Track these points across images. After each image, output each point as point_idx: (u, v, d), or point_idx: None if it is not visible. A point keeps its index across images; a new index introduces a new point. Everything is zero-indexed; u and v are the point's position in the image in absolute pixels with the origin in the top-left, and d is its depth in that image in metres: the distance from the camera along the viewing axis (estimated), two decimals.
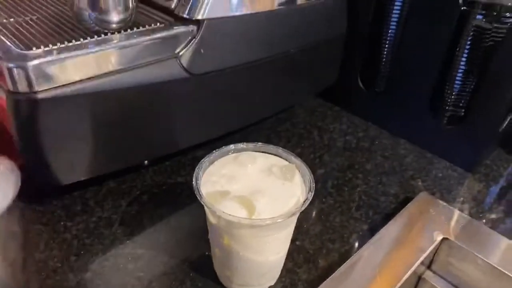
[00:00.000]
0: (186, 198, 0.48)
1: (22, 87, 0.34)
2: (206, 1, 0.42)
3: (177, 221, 0.45)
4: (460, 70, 0.52)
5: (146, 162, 0.52)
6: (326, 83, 0.65)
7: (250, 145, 0.38)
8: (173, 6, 0.43)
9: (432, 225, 0.44)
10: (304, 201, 0.31)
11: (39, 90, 0.34)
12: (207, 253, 0.40)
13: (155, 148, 0.47)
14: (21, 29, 0.41)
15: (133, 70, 0.39)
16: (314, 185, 0.33)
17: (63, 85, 0.36)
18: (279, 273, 0.39)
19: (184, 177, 0.51)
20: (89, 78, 0.37)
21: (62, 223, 0.43)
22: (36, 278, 0.36)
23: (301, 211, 0.31)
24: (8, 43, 0.37)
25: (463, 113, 0.54)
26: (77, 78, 0.36)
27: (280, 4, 0.48)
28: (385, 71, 0.60)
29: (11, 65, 0.33)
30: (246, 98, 0.52)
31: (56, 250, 0.40)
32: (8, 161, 0.34)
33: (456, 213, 0.46)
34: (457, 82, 0.53)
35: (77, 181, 0.41)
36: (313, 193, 0.32)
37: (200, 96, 0.46)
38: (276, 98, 0.58)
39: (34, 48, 0.36)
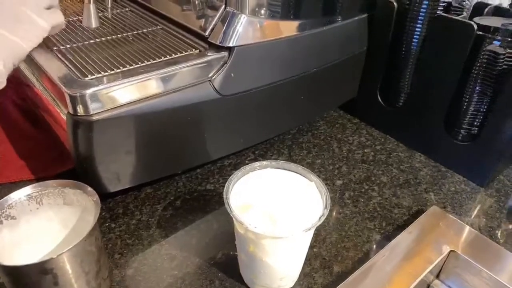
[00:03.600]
0: (215, 204, 0.54)
1: (80, 110, 0.40)
2: (237, 30, 0.46)
3: (207, 225, 0.51)
4: (474, 91, 0.55)
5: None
6: (347, 97, 0.69)
7: (273, 162, 0.42)
8: (207, 33, 0.48)
9: (441, 237, 0.48)
10: (320, 217, 0.36)
11: (94, 113, 0.40)
12: (232, 256, 0.45)
13: (189, 160, 0.52)
14: (75, 55, 0.47)
15: (172, 93, 0.44)
16: (330, 202, 0.37)
17: (113, 108, 0.41)
18: (297, 277, 0.43)
19: (213, 184, 0.56)
20: (135, 101, 0.42)
21: (107, 224, 0.49)
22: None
23: (316, 226, 0.35)
24: (67, 70, 0.43)
25: (476, 131, 0.57)
26: (125, 102, 0.42)
27: (303, 30, 0.52)
28: (404, 87, 0.63)
29: (72, 92, 0.39)
30: (270, 114, 0.57)
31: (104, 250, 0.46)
32: (92, 191, 0.39)
33: (465, 227, 0.49)
34: (471, 102, 0.55)
35: (122, 188, 0.47)
36: (328, 210, 0.37)
37: (229, 114, 0.51)
38: (299, 113, 0.62)
39: (89, 76, 0.42)
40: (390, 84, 0.65)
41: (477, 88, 0.54)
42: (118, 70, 0.43)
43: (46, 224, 0.41)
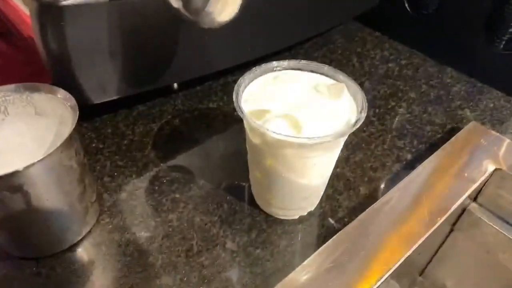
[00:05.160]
0: (220, 123, 0.46)
1: None
2: None
3: (211, 146, 0.44)
4: None
5: (176, 86, 0.49)
6: (367, 6, 0.59)
7: (293, 62, 0.34)
8: None
9: (483, 155, 0.41)
10: (357, 121, 0.29)
11: None
12: (241, 178, 0.39)
13: (186, 70, 0.43)
14: None
15: None
16: (366, 105, 0.30)
17: None
18: (320, 198, 0.37)
19: (216, 102, 0.49)
20: None
21: (93, 145, 0.42)
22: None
23: (352, 131, 0.28)
24: None
25: None
26: None
27: None
28: None
29: None
30: (278, 19, 0.47)
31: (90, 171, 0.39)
32: (66, 95, 0.31)
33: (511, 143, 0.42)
34: None
35: (108, 100, 0.39)
36: (365, 113, 0.29)
37: None
38: (311, 20, 0.52)
39: None
40: None
41: None
42: None
43: (17, 139, 0.34)
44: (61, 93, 0.31)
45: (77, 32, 0.33)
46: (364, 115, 0.29)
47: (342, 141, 0.31)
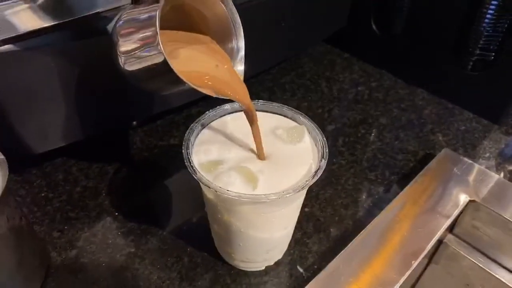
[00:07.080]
0: (181, 162, 0.43)
1: None
2: None
3: (171, 188, 0.41)
4: (492, 6, 0.44)
5: (134, 122, 0.46)
6: (335, 27, 0.58)
7: None
8: None
9: (456, 186, 0.40)
10: (316, 171, 0.26)
11: None
12: (204, 226, 0.36)
13: (144, 108, 0.41)
14: None
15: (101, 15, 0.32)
16: (327, 151, 0.28)
17: (18, 36, 0.29)
18: (286, 247, 0.34)
19: (178, 138, 0.46)
20: (43, 29, 0.30)
21: (43, 194, 0.39)
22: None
23: (312, 183, 0.26)
24: None
25: (492, 57, 0.47)
26: (29, 29, 0.29)
27: None
28: (403, 9, 0.52)
29: None
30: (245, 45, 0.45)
31: (36, 226, 0.36)
32: None
33: (485, 172, 0.41)
34: (488, 20, 0.45)
35: (52, 148, 0.36)
36: (326, 161, 0.27)
37: None
38: (279, 45, 0.50)
39: None
40: (386, 7, 0.54)
41: (495, 1, 0.44)
42: None
43: None
44: None
45: (4, 82, 0.30)
46: (324, 163, 0.27)
47: (303, 192, 0.29)
